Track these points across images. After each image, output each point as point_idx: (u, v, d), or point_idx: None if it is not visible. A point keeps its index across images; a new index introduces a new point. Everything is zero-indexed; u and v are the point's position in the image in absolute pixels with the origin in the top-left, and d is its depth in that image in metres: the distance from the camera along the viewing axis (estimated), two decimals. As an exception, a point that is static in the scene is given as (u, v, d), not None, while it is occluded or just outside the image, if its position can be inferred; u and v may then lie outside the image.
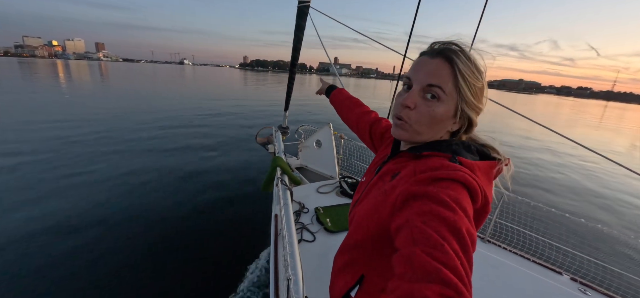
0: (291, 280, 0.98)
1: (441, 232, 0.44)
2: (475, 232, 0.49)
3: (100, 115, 10.83)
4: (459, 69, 0.57)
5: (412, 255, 0.43)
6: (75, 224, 3.68)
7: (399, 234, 0.50)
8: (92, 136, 7.77)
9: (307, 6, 2.95)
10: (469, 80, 0.58)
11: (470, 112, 0.61)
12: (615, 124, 26.73)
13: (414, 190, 0.53)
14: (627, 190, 6.83)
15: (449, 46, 0.60)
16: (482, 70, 0.60)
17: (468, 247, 0.45)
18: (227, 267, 3.14)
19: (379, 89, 62.50)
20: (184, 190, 4.86)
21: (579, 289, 1.87)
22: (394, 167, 0.68)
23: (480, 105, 0.62)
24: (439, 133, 0.63)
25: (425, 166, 0.58)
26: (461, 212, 0.48)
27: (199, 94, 21.63)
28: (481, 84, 0.60)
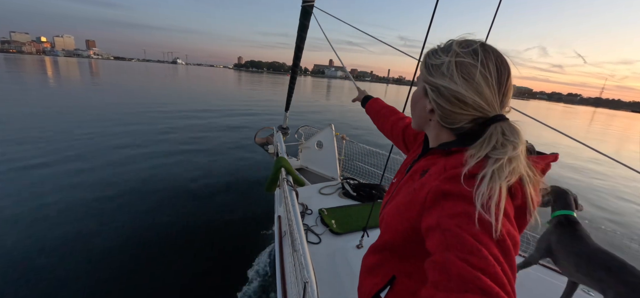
0: (307, 283, 0.95)
1: (477, 236, 0.41)
2: (516, 233, 0.45)
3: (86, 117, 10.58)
4: (423, 59, 0.65)
5: (447, 262, 0.41)
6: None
7: (431, 236, 0.47)
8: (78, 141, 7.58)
9: (311, 6, 2.93)
10: (426, 59, 0.63)
11: (428, 88, 0.61)
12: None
13: (445, 188, 0.50)
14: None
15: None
16: (447, 48, 0.59)
17: (509, 251, 0.41)
18: (225, 270, 3.07)
19: (373, 91, 62.72)
20: (174, 195, 4.75)
21: (582, 289, 1.88)
22: (424, 164, 0.65)
23: (441, 82, 0.57)
24: (421, 113, 0.66)
25: (455, 162, 0.54)
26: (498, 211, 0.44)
27: (192, 93, 21.41)
28: (440, 60, 0.58)
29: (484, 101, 0.54)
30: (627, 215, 5.66)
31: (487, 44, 0.58)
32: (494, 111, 0.55)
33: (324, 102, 24.23)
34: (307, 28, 3.02)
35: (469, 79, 0.54)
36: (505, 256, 0.41)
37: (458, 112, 0.57)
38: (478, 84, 0.54)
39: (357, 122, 13.33)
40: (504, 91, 0.56)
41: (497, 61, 0.55)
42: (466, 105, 0.55)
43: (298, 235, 1.27)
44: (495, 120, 0.54)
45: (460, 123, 0.58)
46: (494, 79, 0.55)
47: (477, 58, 0.55)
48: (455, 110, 0.57)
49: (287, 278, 1.65)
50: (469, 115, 0.56)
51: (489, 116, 0.55)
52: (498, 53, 0.57)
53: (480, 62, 0.54)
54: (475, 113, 0.56)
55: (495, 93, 0.55)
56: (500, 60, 0.56)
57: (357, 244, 2.02)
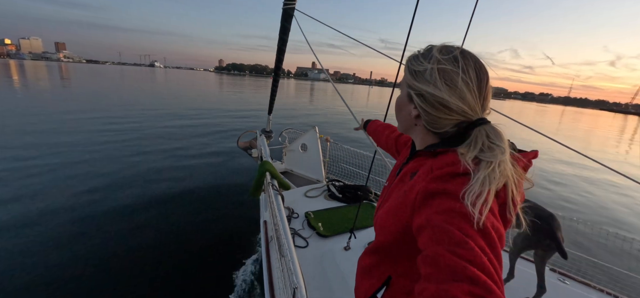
0: (297, 289, 0.94)
1: (464, 229, 0.43)
2: (502, 227, 0.47)
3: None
4: (407, 60, 0.67)
5: (436, 255, 0.42)
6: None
7: (422, 234, 0.49)
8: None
9: (292, 8, 2.92)
10: (408, 65, 0.65)
11: (414, 94, 0.62)
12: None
13: (432, 187, 0.52)
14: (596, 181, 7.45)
15: None
16: (428, 54, 0.61)
17: (495, 243, 0.44)
18: (210, 278, 2.98)
19: (357, 93, 63.67)
20: (152, 203, 4.57)
21: (558, 279, 1.99)
22: (412, 166, 0.68)
23: (426, 88, 0.59)
24: (406, 118, 0.68)
25: (441, 162, 0.57)
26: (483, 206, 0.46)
27: (172, 98, 20.74)
28: (423, 67, 0.60)
29: (467, 106, 0.57)
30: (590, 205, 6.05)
31: (466, 51, 0.60)
32: (477, 115, 0.58)
33: (307, 104, 24.23)
34: (288, 31, 3.01)
35: (452, 86, 0.57)
36: (491, 247, 0.42)
37: (443, 117, 0.59)
38: (461, 90, 0.57)
39: (342, 125, 13.42)
40: (484, 95, 0.59)
41: (476, 67, 0.58)
42: (450, 111, 0.58)
43: (285, 240, 1.24)
44: (478, 123, 0.57)
45: (445, 128, 0.61)
46: (474, 84, 0.58)
47: (457, 65, 0.57)
48: (440, 115, 0.59)
49: (275, 284, 1.62)
50: (453, 119, 0.59)
51: (472, 120, 0.58)
52: (476, 59, 0.60)
53: (461, 69, 0.57)
54: (459, 117, 0.58)
55: (477, 97, 0.58)
56: (478, 66, 0.59)
57: (345, 246, 2.02)
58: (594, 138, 20.54)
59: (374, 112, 23.00)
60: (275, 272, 1.69)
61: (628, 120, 62.91)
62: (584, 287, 1.94)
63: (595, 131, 26.18)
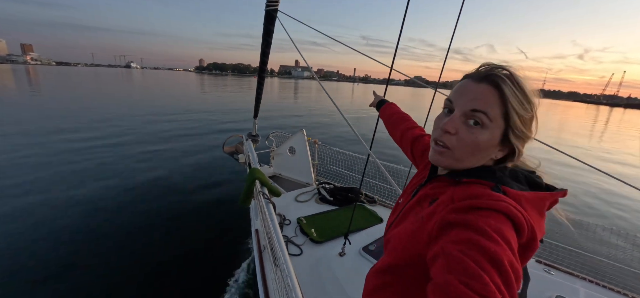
0: None
1: (480, 263, 0.40)
2: (520, 267, 0.44)
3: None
4: (506, 95, 0.54)
5: (447, 285, 0.40)
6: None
7: (435, 264, 0.46)
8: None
9: (275, 10, 2.85)
10: (516, 108, 0.54)
11: (516, 141, 0.57)
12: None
13: (451, 218, 0.49)
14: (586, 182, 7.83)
15: (497, 70, 0.56)
16: (533, 96, 0.56)
17: (511, 282, 0.41)
18: (200, 289, 2.88)
19: (341, 91, 63.93)
20: (136, 210, 4.38)
21: (544, 270, 2.06)
22: (432, 192, 0.64)
23: (529, 133, 0.57)
24: (481, 161, 0.59)
25: (464, 194, 0.53)
26: (504, 243, 0.43)
27: (147, 99, 19.97)
28: (531, 114, 0.56)
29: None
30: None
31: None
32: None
33: (292, 104, 24.06)
34: (272, 32, 2.94)
35: (532, 131, 0.59)
36: (507, 286, 0.40)
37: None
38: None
39: (329, 125, 13.41)
40: None
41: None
42: (517, 155, 0.59)
43: (280, 253, 1.20)
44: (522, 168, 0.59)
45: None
46: None
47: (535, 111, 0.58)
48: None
49: (272, 296, 1.57)
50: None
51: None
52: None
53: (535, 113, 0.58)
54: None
55: None
56: None
57: (340, 252, 2.00)
58: (575, 129, 21.63)
59: (362, 109, 23.16)
60: (270, 283, 1.64)
61: (600, 111, 67.56)
62: (568, 277, 2.03)
63: (575, 122, 27.64)
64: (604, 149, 13.67)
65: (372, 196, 2.98)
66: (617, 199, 6.35)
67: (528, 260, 0.52)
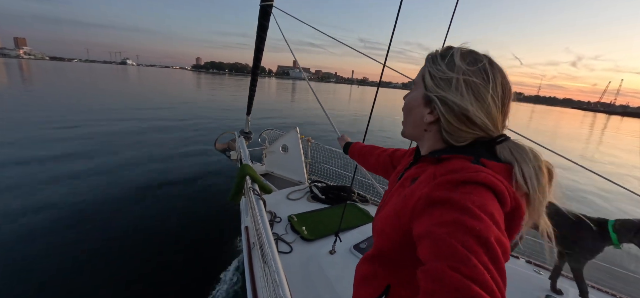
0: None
1: (467, 244, 0.41)
2: (506, 239, 0.45)
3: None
4: (426, 61, 0.64)
5: (438, 271, 0.41)
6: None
7: (422, 245, 0.47)
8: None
9: (270, 5, 2.83)
10: (430, 69, 0.61)
11: (437, 101, 0.59)
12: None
13: (435, 195, 0.50)
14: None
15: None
16: (451, 61, 0.59)
17: (498, 258, 0.42)
18: (188, 288, 2.83)
19: (339, 92, 64.04)
20: (126, 207, 4.32)
21: (534, 270, 2.07)
22: (415, 172, 0.66)
23: (453, 97, 0.57)
24: (417, 121, 0.65)
25: (445, 169, 0.55)
26: (488, 218, 0.44)
27: (142, 96, 19.78)
28: (447, 75, 0.58)
29: (490, 122, 0.56)
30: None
31: (494, 61, 0.58)
32: (497, 131, 0.58)
33: (288, 104, 24.04)
34: (266, 28, 2.91)
35: (481, 100, 0.56)
36: (494, 263, 0.41)
37: (464, 130, 0.57)
38: (488, 105, 0.56)
39: (324, 125, 13.42)
40: (506, 110, 0.58)
41: (502, 80, 0.57)
42: (472, 124, 0.56)
43: (269, 250, 1.18)
44: (498, 140, 0.57)
45: (465, 141, 0.58)
46: (500, 99, 0.57)
47: (487, 79, 0.56)
48: (461, 128, 0.57)
49: (260, 294, 1.55)
50: (474, 134, 0.57)
51: (492, 136, 0.57)
52: (503, 72, 0.58)
53: (491, 84, 0.55)
54: (480, 133, 0.57)
55: (499, 113, 0.57)
56: (505, 81, 0.58)
57: (330, 250, 1.98)
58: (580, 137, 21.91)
59: (358, 113, 23.25)
60: (258, 280, 1.61)
61: (597, 118, 69.26)
62: (559, 278, 2.03)
63: (580, 130, 27.97)
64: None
65: (365, 195, 2.97)
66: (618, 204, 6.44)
67: (518, 230, 0.53)
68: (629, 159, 13.33)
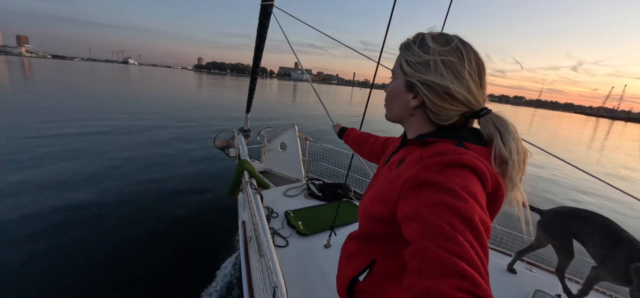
0: (277, 288, 0.92)
1: (453, 223, 0.44)
2: (488, 218, 0.48)
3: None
4: (400, 49, 0.66)
5: (425, 250, 0.43)
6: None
7: (409, 225, 0.50)
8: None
9: (270, 5, 2.88)
10: (405, 55, 0.64)
11: (419, 85, 0.61)
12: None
13: (422, 177, 0.52)
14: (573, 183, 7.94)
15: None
16: (423, 44, 0.61)
17: (482, 236, 0.44)
18: (186, 282, 2.87)
19: (340, 94, 64.10)
20: (126, 202, 4.35)
21: (526, 268, 2.10)
22: (401, 155, 0.68)
23: (433, 78, 0.59)
24: (402, 107, 0.67)
25: (431, 151, 0.57)
26: (471, 199, 0.47)
27: (144, 95, 19.84)
28: (423, 58, 0.60)
29: (472, 97, 0.59)
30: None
31: (464, 40, 0.61)
32: (479, 105, 0.60)
33: (289, 105, 24.08)
34: (266, 28, 2.96)
35: (460, 77, 0.58)
36: (478, 240, 0.43)
37: (448, 108, 0.59)
38: (467, 81, 0.58)
39: (322, 124, 13.46)
40: (483, 84, 0.61)
41: (476, 57, 0.60)
42: (456, 101, 0.59)
43: (264, 239, 1.21)
44: (481, 113, 0.59)
45: (451, 119, 0.61)
46: (476, 74, 0.59)
47: (462, 56, 0.58)
48: (446, 106, 0.59)
49: (255, 285, 1.58)
50: (458, 110, 0.60)
51: (475, 110, 0.60)
52: (474, 50, 0.60)
53: (466, 61, 0.58)
54: (463, 108, 0.59)
55: (479, 87, 0.59)
56: (478, 57, 0.60)
57: (325, 244, 2.02)
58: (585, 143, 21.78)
59: (357, 114, 23.27)
60: (254, 272, 1.65)
61: (600, 123, 69.36)
62: (548, 274, 2.07)
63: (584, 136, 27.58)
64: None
65: (360, 192, 3.00)
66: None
67: (498, 209, 0.56)
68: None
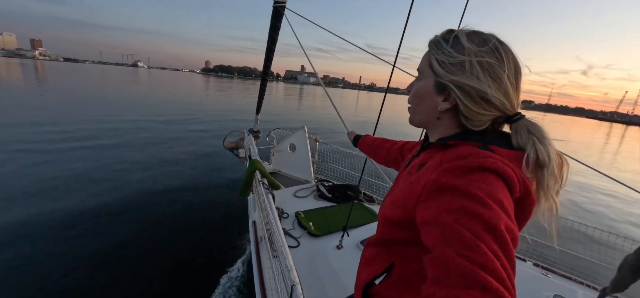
0: (295, 287, 0.91)
1: (476, 231, 0.41)
2: (516, 227, 0.44)
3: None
4: (429, 47, 0.62)
5: (446, 258, 0.40)
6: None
7: (428, 231, 0.46)
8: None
9: (282, 6, 2.89)
10: (435, 53, 0.60)
11: (453, 87, 0.56)
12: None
13: (442, 181, 0.49)
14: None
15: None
16: (457, 43, 0.57)
17: (508, 246, 0.41)
18: (194, 281, 2.87)
19: (346, 98, 64.08)
20: (135, 204, 4.39)
21: (541, 273, 2.04)
22: (422, 158, 0.65)
23: (468, 81, 0.54)
24: (430, 110, 0.63)
25: (452, 155, 0.54)
26: (497, 206, 0.43)
27: (155, 98, 20.15)
28: (457, 58, 0.55)
29: (508, 101, 0.55)
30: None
31: (501, 39, 0.57)
32: (514, 109, 0.56)
33: (295, 108, 24.16)
34: (278, 29, 2.97)
35: (498, 81, 0.54)
36: (503, 251, 0.40)
37: (482, 113, 0.55)
38: (506, 85, 0.54)
39: (331, 126, 13.46)
40: (519, 87, 0.57)
41: (513, 59, 0.56)
42: (491, 106, 0.54)
43: (279, 238, 1.21)
44: (514, 118, 0.55)
45: (483, 124, 0.56)
46: (514, 78, 0.55)
47: (501, 57, 0.54)
48: (480, 111, 0.55)
49: (267, 285, 1.57)
50: (492, 115, 0.56)
51: (509, 115, 0.56)
52: (512, 51, 0.56)
53: (506, 63, 0.54)
54: (497, 113, 0.55)
55: (515, 90, 0.56)
56: (515, 58, 0.56)
57: (337, 245, 2.00)
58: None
59: (365, 117, 23.22)
60: (266, 272, 1.64)
61: (613, 128, 67.47)
62: (565, 280, 2.01)
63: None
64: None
65: (371, 195, 2.98)
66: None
67: (528, 218, 0.52)
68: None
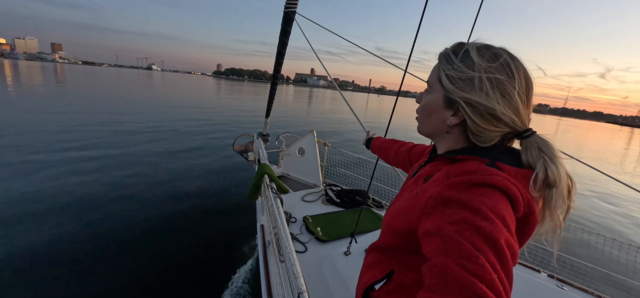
0: (302, 295, 0.91)
1: (476, 243, 0.41)
2: (516, 244, 0.45)
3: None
4: (439, 60, 0.62)
5: (444, 267, 0.41)
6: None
7: (429, 241, 0.47)
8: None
9: (293, 12, 2.93)
10: (445, 68, 0.59)
11: (462, 103, 0.56)
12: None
13: (447, 195, 0.50)
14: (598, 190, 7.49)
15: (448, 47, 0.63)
16: (467, 58, 0.56)
17: (507, 260, 0.41)
18: (200, 286, 2.90)
19: (355, 101, 63.92)
20: (145, 206, 4.45)
21: (557, 285, 1.97)
22: (429, 170, 0.66)
23: (477, 98, 0.54)
24: (438, 124, 0.63)
25: (459, 170, 0.54)
26: (499, 221, 0.44)
27: (168, 100, 20.61)
28: (467, 74, 0.55)
29: (518, 118, 0.55)
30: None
31: (513, 54, 0.56)
32: (524, 126, 0.56)
33: (305, 111, 24.25)
34: (288, 34, 3.01)
35: (508, 98, 0.54)
36: (502, 265, 0.41)
37: (491, 130, 0.55)
38: (516, 102, 0.54)
39: (341, 129, 13.43)
40: (530, 104, 0.56)
41: (525, 74, 0.55)
42: (500, 123, 0.54)
43: (286, 243, 1.21)
44: (524, 134, 0.55)
45: (492, 140, 0.56)
46: (524, 94, 0.55)
47: (512, 74, 0.54)
48: (489, 127, 0.55)
49: (274, 290, 1.57)
50: (501, 131, 0.55)
51: (518, 131, 0.56)
52: (523, 66, 0.56)
53: (516, 80, 0.54)
54: (506, 129, 0.55)
55: (526, 107, 0.55)
56: (527, 73, 0.56)
57: (345, 251, 1.98)
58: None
59: (369, 120, 23.09)
60: (273, 277, 1.64)
61: (635, 133, 64.37)
62: (582, 294, 1.93)
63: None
64: None
65: (380, 200, 2.95)
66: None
67: (529, 236, 0.52)
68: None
